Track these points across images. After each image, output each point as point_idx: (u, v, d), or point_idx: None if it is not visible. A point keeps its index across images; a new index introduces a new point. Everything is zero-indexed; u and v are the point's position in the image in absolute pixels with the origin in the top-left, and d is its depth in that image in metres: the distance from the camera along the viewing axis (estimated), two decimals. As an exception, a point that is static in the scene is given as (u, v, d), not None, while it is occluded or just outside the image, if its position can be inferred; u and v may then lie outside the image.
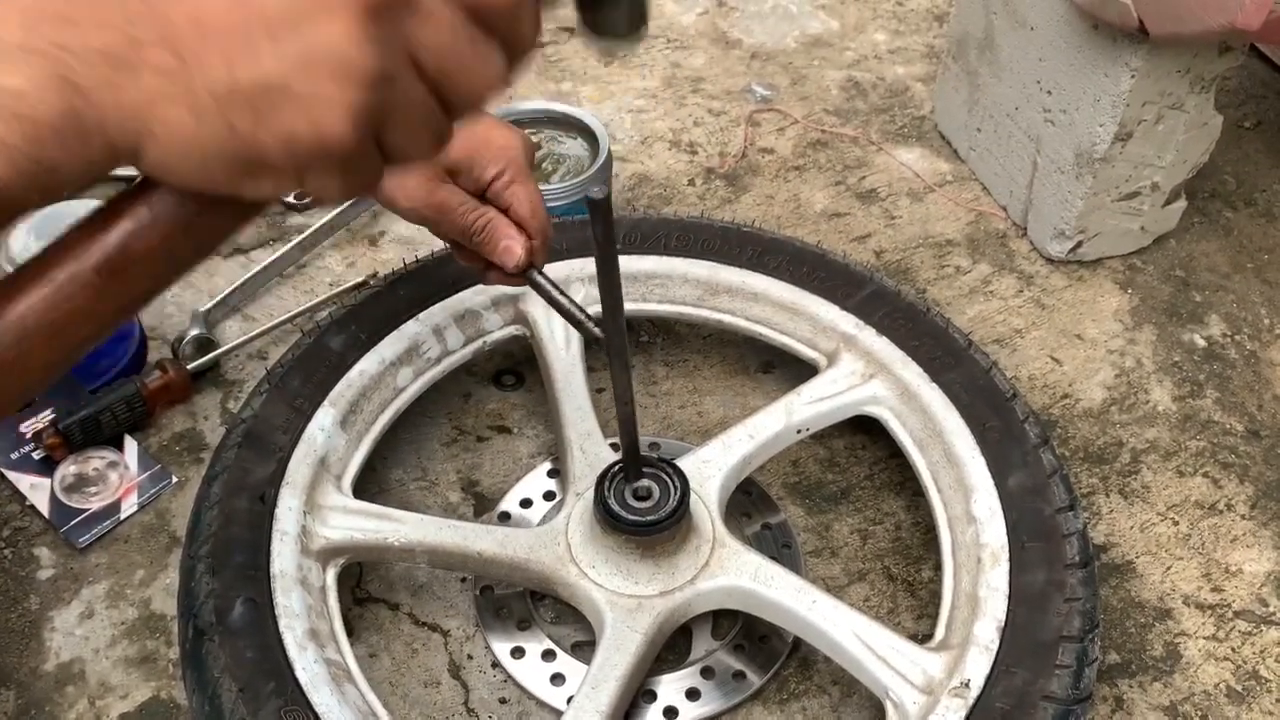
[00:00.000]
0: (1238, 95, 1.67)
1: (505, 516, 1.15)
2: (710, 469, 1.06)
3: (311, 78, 0.45)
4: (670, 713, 1.01)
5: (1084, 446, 1.24)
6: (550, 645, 1.05)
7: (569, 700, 0.94)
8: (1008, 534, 0.99)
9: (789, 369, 1.27)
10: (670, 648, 1.03)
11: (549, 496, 1.16)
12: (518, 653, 1.04)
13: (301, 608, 0.92)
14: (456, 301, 1.15)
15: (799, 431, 1.11)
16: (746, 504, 1.16)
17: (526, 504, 1.16)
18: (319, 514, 1.00)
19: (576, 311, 0.92)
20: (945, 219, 1.49)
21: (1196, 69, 1.25)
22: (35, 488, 1.14)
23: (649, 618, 0.96)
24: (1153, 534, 1.17)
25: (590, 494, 1.00)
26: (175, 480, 1.16)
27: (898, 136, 1.61)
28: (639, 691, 0.99)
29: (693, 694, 1.02)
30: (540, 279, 0.94)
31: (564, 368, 1.14)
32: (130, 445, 1.18)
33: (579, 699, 0.92)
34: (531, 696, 1.02)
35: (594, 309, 0.89)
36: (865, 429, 1.21)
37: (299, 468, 1.01)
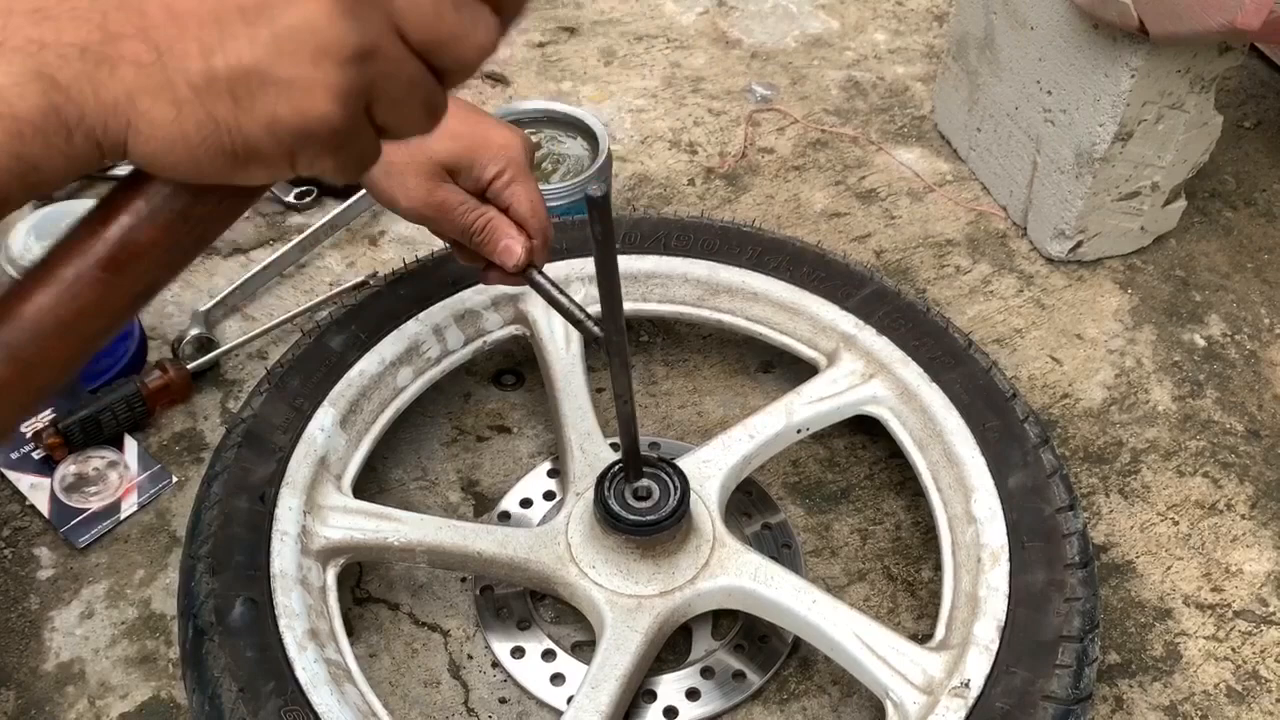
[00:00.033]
0: (1238, 95, 1.67)
1: (505, 516, 1.15)
2: (710, 469, 1.06)
3: (289, 60, 0.44)
4: (670, 713, 1.01)
5: (1084, 446, 1.24)
6: (550, 645, 1.05)
7: (569, 700, 0.94)
8: (1008, 534, 0.99)
9: (789, 369, 1.27)
10: (670, 648, 1.03)
11: (549, 496, 1.16)
12: (518, 653, 1.04)
13: (301, 607, 0.92)
14: (456, 301, 1.15)
15: (799, 431, 1.11)
16: (746, 504, 1.16)
17: (526, 504, 1.16)
18: (319, 514, 1.00)
19: (576, 311, 0.92)
20: (945, 219, 1.49)
21: (1196, 69, 1.25)
22: (35, 487, 1.14)
23: (649, 617, 0.96)
24: (1153, 534, 1.17)
25: (590, 494, 1.00)
26: (175, 480, 1.16)
27: (898, 136, 1.61)
28: (639, 691, 0.99)
29: (693, 694, 1.02)
30: (540, 278, 0.94)
31: (564, 367, 1.14)
32: (130, 445, 1.18)
33: (579, 699, 0.92)
34: (531, 696, 1.02)
35: (594, 309, 0.89)
36: (865, 429, 1.21)
37: (299, 467, 1.01)
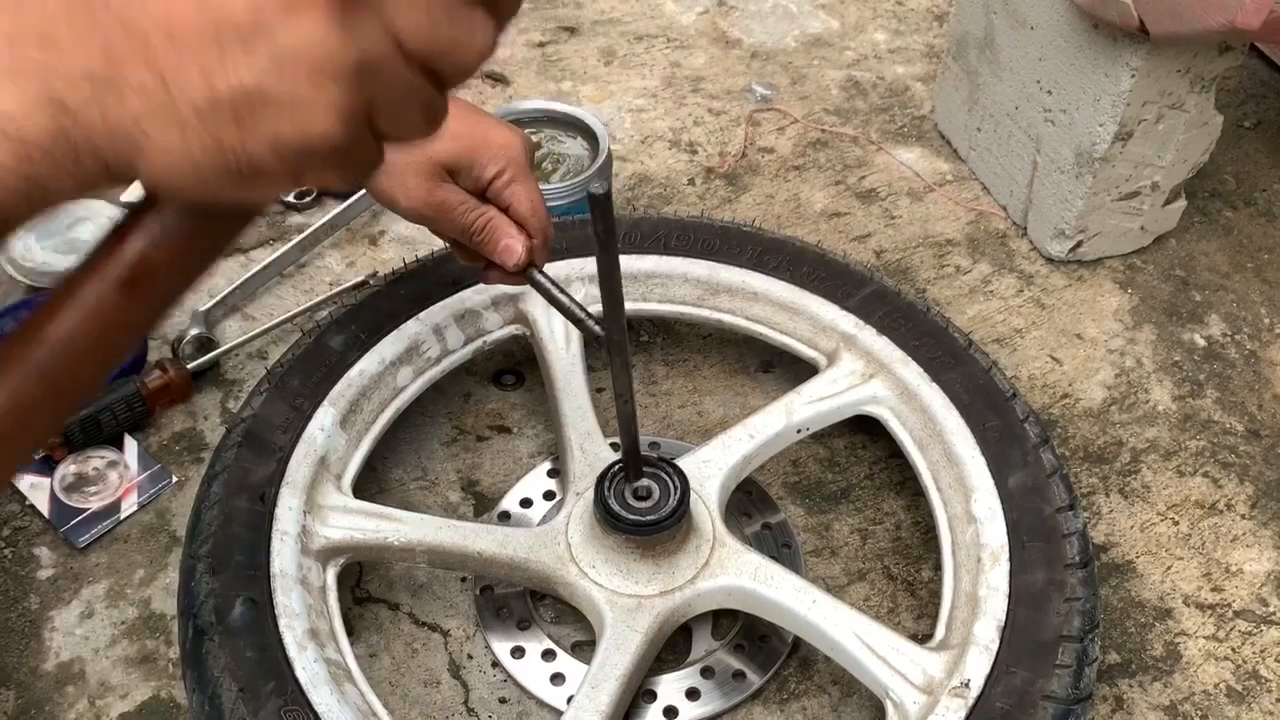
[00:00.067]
0: (1238, 95, 1.67)
1: (505, 516, 1.15)
2: (710, 469, 1.06)
3: (289, 80, 0.43)
4: (670, 712, 1.01)
5: (1084, 446, 1.24)
6: (550, 645, 1.05)
7: (569, 700, 0.94)
8: (1008, 534, 0.99)
9: (789, 369, 1.27)
10: (670, 647, 1.03)
11: (549, 496, 1.16)
12: (518, 652, 1.04)
13: (301, 607, 0.92)
14: (456, 301, 1.15)
15: (799, 431, 1.11)
16: (746, 503, 1.16)
17: (526, 504, 1.16)
18: (319, 514, 1.00)
19: (577, 310, 0.92)
20: (945, 219, 1.49)
21: (1196, 69, 1.25)
22: (35, 487, 1.14)
23: (649, 617, 0.96)
24: (1153, 534, 1.17)
25: (590, 494, 1.00)
26: (175, 480, 1.16)
27: (898, 136, 1.61)
28: (639, 691, 0.99)
29: (693, 694, 1.02)
30: (540, 278, 0.94)
31: (564, 367, 1.14)
32: (130, 445, 1.18)
33: (579, 699, 0.92)
34: (531, 696, 1.02)
35: (594, 308, 0.89)
36: (865, 429, 1.21)
37: (299, 467, 1.01)
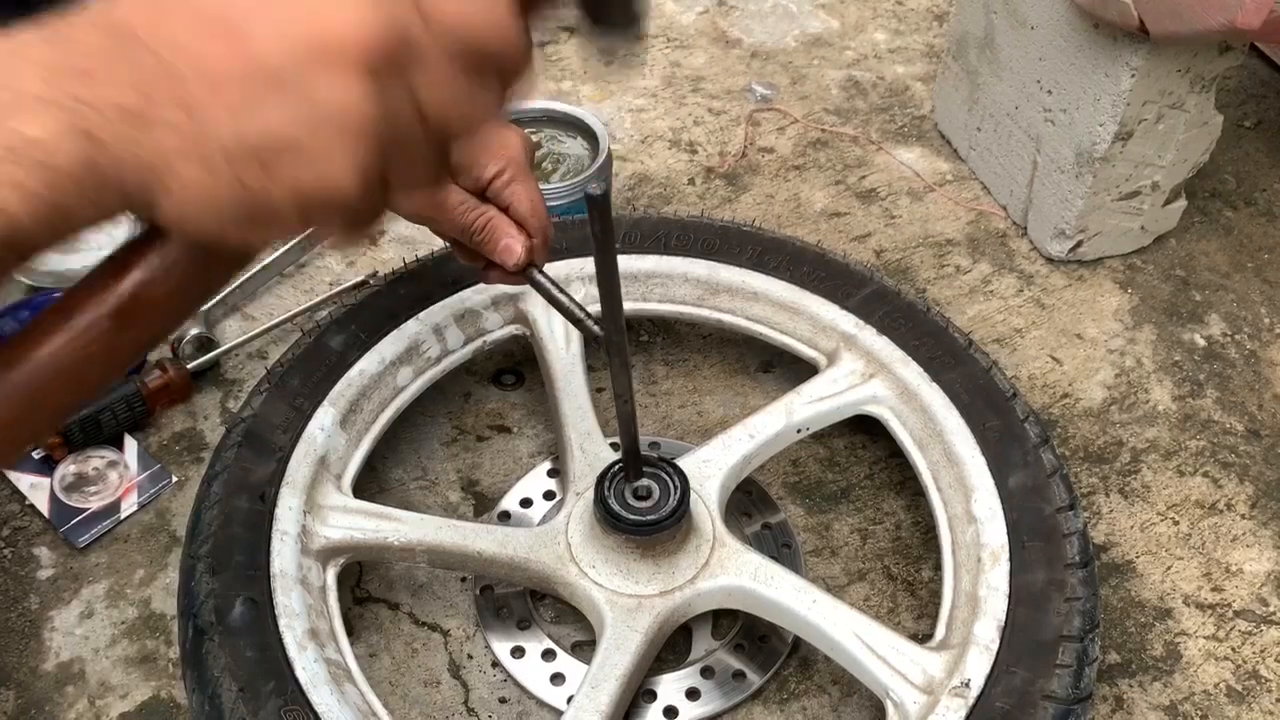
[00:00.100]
0: (1238, 95, 1.67)
1: (505, 516, 1.15)
2: (710, 468, 1.06)
3: (317, 132, 0.45)
4: (670, 712, 1.01)
5: (1084, 446, 1.24)
6: (550, 645, 1.05)
7: (569, 700, 0.94)
8: (1008, 533, 0.99)
9: (789, 369, 1.26)
10: (670, 647, 1.03)
11: (549, 496, 1.16)
12: (518, 652, 1.04)
13: (301, 607, 0.92)
14: (456, 301, 1.15)
15: (799, 431, 1.11)
16: (746, 503, 1.16)
17: (526, 503, 1.16)
18: (319, 513, 1.00)
19: (577, 310, 0.92)
20: (945, 218, 1.49)
21: (1197, 68, 1.25)
22: (35, 487, 1.14)
23: (649, 617, 0.96)
24: (1153, 534, 1.17)
25: (590, 493, 1.00)
26: (175, 480, 1.16)
27: (898, 136, 1.61)
28: (639, 691, 0.99)
29: (693, 694, 1.02)
30: (540, 277, 0.94)
31: (564, 367, 1.14)
32: (130, 445, 1.18)
33: (579, 699, 0.92)
34: (531, 696, 1.02)
35: (594, 308, 0.89)
36: (865, 429, 1.21)
37: (299, 467, 1.01)
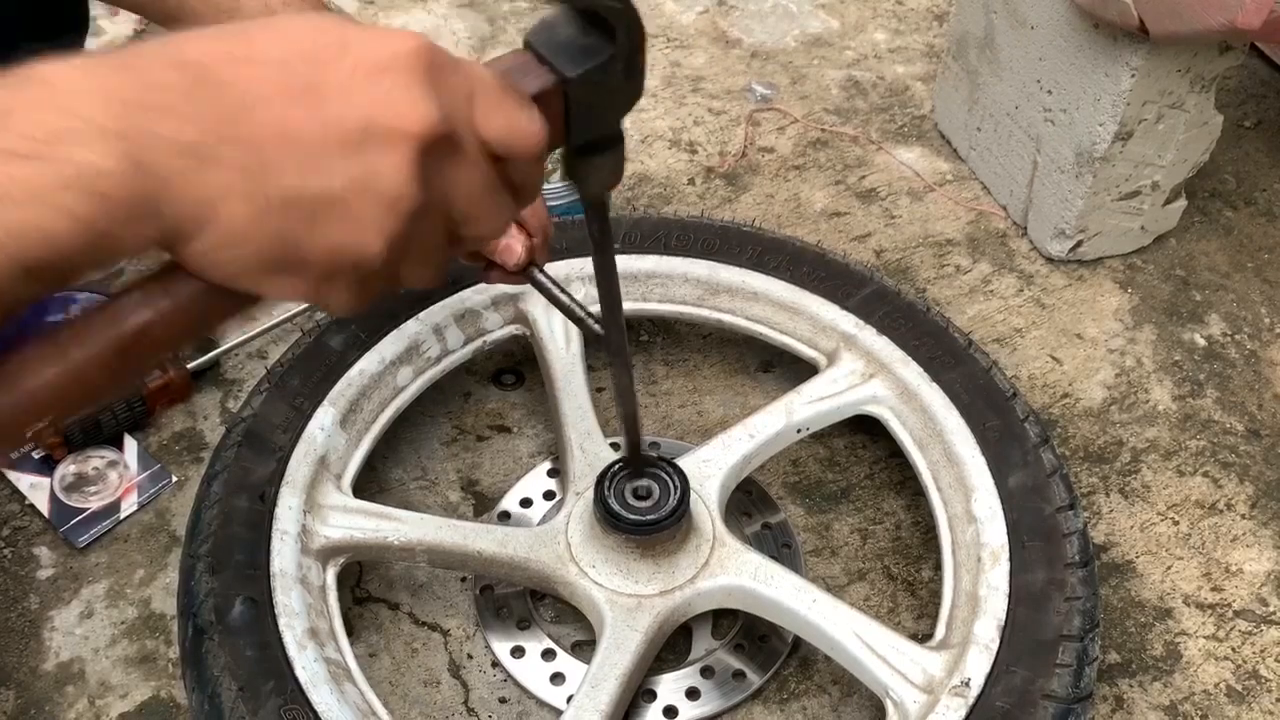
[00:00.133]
0: (1238, 95, 1.67)
1: (505, 516, 1.15)
2: (710, 468, 1.06)
3: (365, 198, 0.48)
4: (670, 712, 1.01)
5: (1084, 446, 1.24)
6: (550, 644, 1.05)
7: (569, 699, 0.94)
8: (1008, 533, 0.99)
9: (789, 369, 1.26)
10: (670, 647, 1.03)
11: (549, 496, 1.16)
12: (518, 652, 1.04)
13: (301, 607, 0.92)
14: (456, 300, 1.15)
15: (799, 431, 1.11)
16: (746, 503, 1.16)
17: (526, 503, 1.16)
18: (319, 513, 1.00)
19: (577, 309, 0.92)
20: (945, 218, 1.49)
21: (1197, 68, 1.25)
22: (35, 487, 1.14)
23: (649, 617, 0.96)
24: (1153, 533, 1.17)
25: (590, 493, 1.00)
26: (175, 479, 1.16)
27: (898, 136, 1.61)
28: (639, 691, 0.99)
29: (693, 693, 1.02)
30: (541, 277, 0.94)
31: (564, 367, 1.14)
32: (130, 445, 1.18)
33: (579, 698, 0.92)
34: (531, 696, 1.02)
35: (594, 308, 0.89)
36: (865, 428, 1.21)
37: (299, 467, 1.01)
